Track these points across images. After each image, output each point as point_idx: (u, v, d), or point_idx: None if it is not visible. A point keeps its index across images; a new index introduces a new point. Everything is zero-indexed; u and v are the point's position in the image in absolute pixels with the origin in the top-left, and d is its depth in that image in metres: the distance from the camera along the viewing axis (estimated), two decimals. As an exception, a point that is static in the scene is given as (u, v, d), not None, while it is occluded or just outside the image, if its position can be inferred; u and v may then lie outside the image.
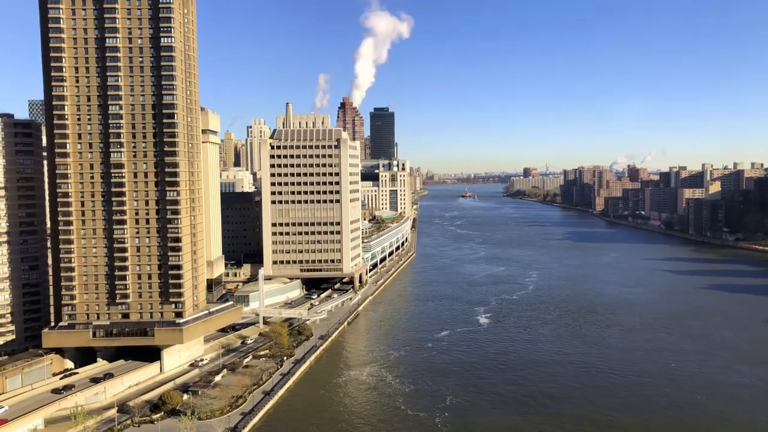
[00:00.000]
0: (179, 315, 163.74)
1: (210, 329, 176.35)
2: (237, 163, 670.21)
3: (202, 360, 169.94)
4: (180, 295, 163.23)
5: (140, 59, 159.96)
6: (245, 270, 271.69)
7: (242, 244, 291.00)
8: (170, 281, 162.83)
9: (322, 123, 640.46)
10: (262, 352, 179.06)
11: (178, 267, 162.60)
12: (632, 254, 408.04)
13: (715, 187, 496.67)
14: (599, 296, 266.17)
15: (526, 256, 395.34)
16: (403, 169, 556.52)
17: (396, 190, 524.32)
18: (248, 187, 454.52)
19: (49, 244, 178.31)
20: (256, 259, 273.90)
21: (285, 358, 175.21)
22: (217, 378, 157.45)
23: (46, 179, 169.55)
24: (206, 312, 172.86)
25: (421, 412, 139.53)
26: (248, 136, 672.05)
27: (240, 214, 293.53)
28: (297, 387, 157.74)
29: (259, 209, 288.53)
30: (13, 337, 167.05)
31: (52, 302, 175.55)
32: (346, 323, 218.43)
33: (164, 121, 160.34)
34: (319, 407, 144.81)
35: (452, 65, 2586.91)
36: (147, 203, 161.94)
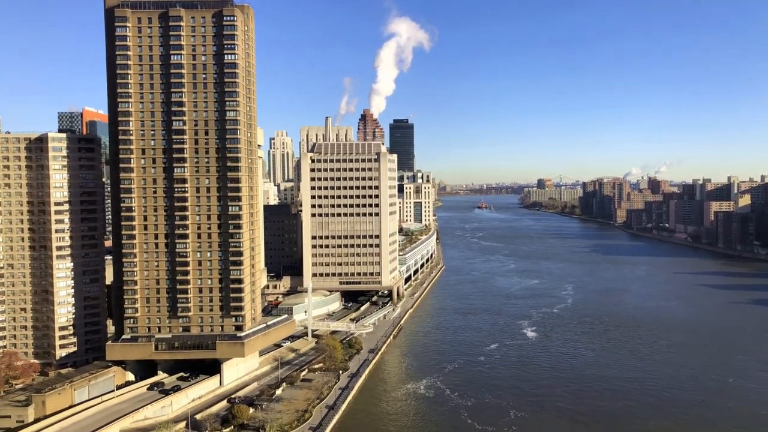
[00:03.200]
0: (239, 328, 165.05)
1: (268, 342, 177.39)
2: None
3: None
4: (240, 308, 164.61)
5: (204, 76, 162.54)
6: (285, 282, 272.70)
7: (280, 256, 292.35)
8: (231, 295, 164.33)
9: (346, 135, 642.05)
10: (316, 366, 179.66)
11: (239, 281, 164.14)
12: (663, 268, 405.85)
13: (745, 200, 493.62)
14: (640, 310, 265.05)
15: (557, 269, 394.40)
16: (427, 181, 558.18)
17: (420, 202, 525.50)
18: (273, 199, 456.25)
19: (107, 258, 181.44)
20: (295, 271, 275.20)
21: (340, 371, 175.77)
22: (278, 392, 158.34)
23: (108, 193, 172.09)
24: (264, 325, 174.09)
25: (488, 426, 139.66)
26: (271, 148, 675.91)
27: (278, 226, 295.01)
28: (357, 401, 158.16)
29: (297, 222, 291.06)
30: (75, 349, 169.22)
31: (108, 315, 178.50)
32: (391, 336, 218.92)
33: (227, 136, 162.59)
34: (385, 422, 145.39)
35: (464, 78, 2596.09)
36: (209, 218, 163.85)
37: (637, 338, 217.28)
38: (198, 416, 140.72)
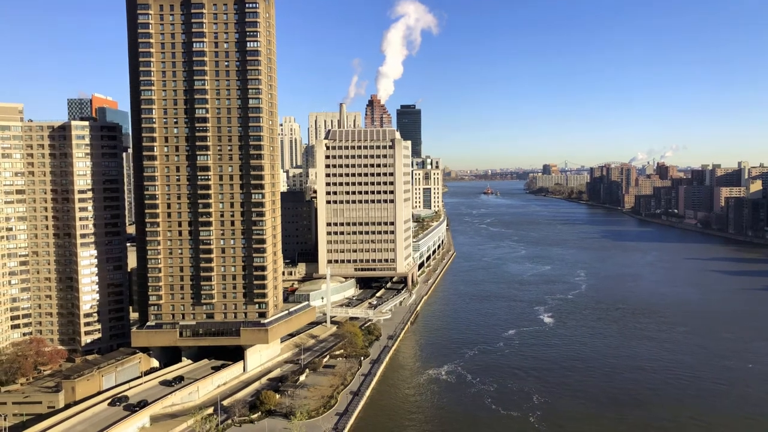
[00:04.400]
0: (263, 315, 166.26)
1: (291, 329, 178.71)
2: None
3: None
4: (264, 295, 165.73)
5: (226, 63, 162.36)
6: (300, 269, 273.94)
7: (295, 242, 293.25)
8: (254, 282, 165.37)
9: (354, 121, 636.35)
10: (337, 352, 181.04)
11: (263, 268, 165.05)
12: (674, 254, 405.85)
13: (756, 186, 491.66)
14: (654, 296, 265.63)
15: (568, 255, 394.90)
16: (437, 167, 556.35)
17: (430, 188, 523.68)
18: (283, 186, 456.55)
19: (129, 245, 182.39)
20: (309, 258, 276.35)
21: (362, 358, 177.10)
22: (302, 378, 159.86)
23: (128, 181, 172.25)
24: (286, 312, 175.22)
25: (512, 411, 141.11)
26: (279, 134, 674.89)
27: (292, 213, 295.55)
28: (380, 387, 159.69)
29: (311, 208, 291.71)
30: (100, 335, 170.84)
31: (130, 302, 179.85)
32: (409, 323, 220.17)
33: (250, 124, 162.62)
34: (410, 407, 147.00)
35: (469, 63, 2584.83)
36: (232, 205, 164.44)
37: (654, 325, 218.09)
38: (225, 402, 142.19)
